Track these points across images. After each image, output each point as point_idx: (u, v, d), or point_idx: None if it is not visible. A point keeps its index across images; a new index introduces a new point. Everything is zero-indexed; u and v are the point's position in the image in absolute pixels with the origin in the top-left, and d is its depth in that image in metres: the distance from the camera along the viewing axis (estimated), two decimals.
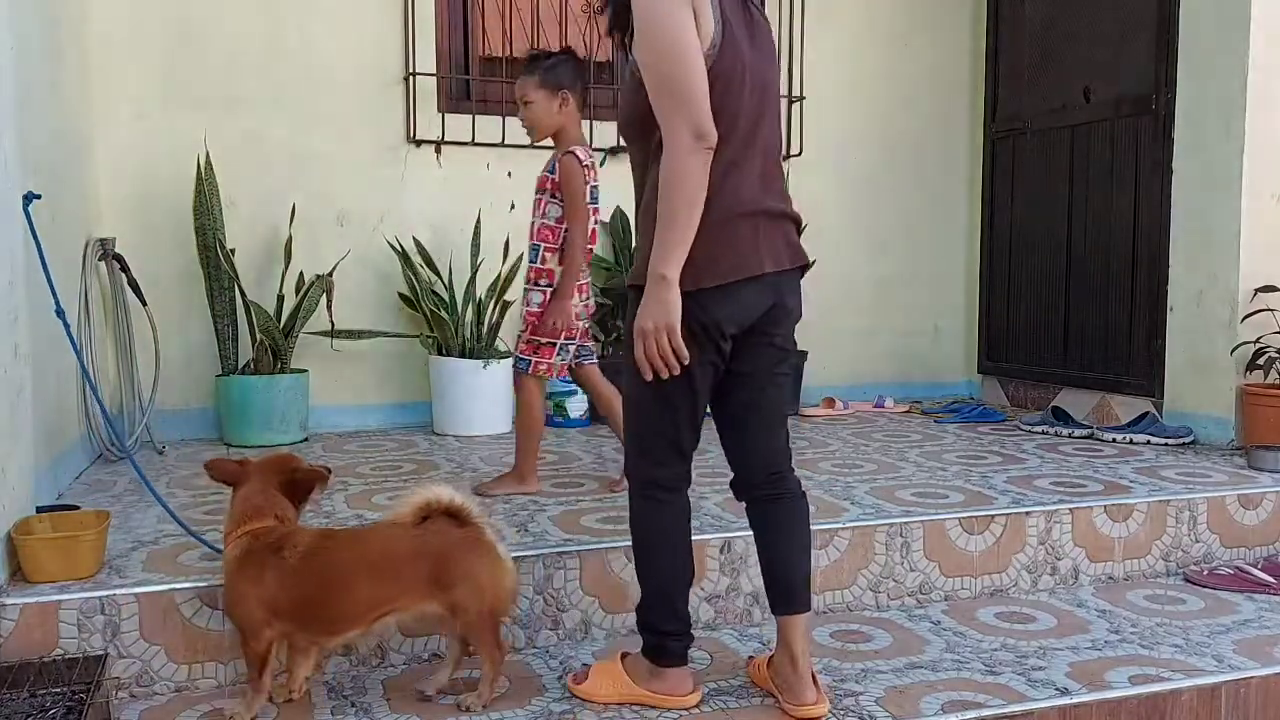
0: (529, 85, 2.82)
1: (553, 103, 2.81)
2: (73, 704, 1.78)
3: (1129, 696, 2.06)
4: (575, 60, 2.88)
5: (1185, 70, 3.67)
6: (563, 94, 2.81)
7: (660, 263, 1.71)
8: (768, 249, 1.82)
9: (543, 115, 2.83)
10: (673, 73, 1.68)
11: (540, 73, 2.81)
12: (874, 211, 4.70)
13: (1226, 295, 3.53)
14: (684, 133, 1.68)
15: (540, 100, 2.81)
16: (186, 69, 3.74)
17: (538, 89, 2.81)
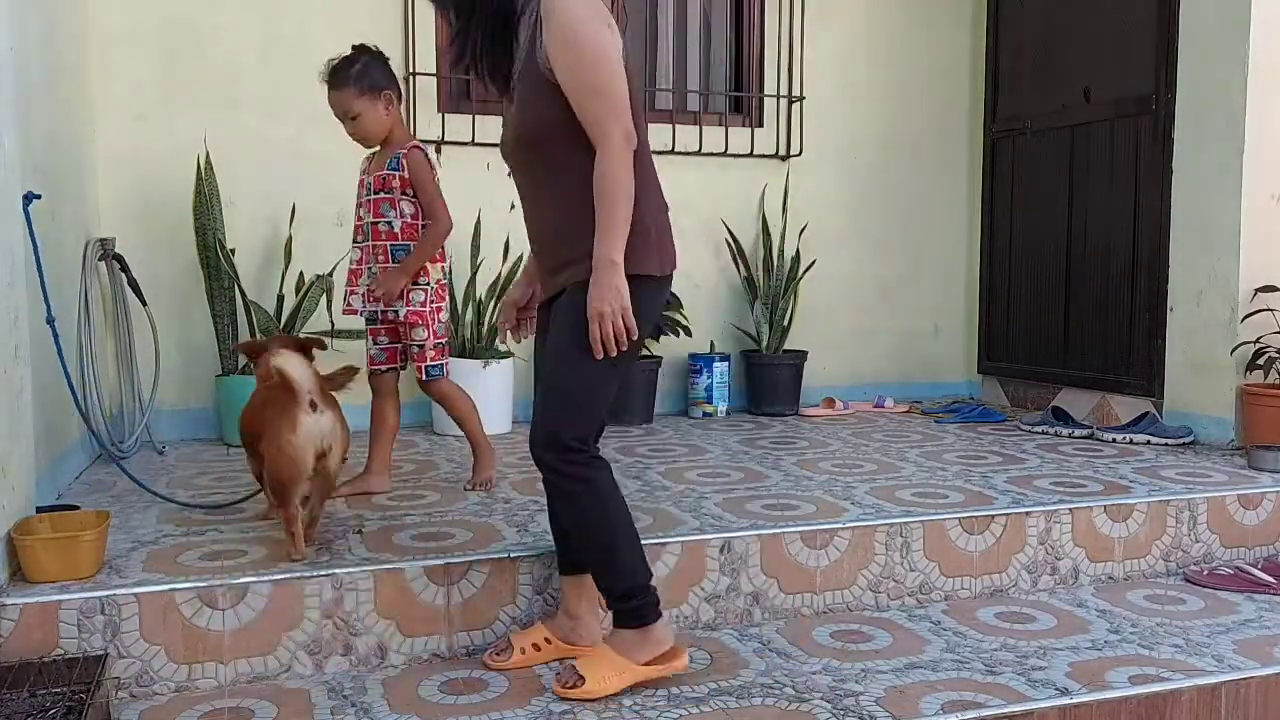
0: (348, 97, 2.70)
1: (377, 106, 2.73)
2: (73, 704, 1.78)
3: (1129, 696, 2.06)
4: (377, 56, 2.77)
5: (1185, 70, 3.67)
6: (385, 94, 2.74)
7: (613, 250, 1.85)
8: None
9: (372, 123, 2.74)
10: (602, 80, 1.81)
11: (354, 82, 2.70)
12: (874, 211, 4.70)
13: (1226, 295, 3.53)
14: (618, 134, 1.83)
15: (365, 109, 2.72)
16: (186, 69, 3.74)
17: (358, 98, 2.70)
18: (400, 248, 2.78)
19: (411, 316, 2.79)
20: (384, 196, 2.78)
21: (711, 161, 4.39)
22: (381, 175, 2.77)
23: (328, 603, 2.16)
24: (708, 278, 4.44)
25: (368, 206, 2.81)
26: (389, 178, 2.77)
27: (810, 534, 2.51)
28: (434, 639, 2.23)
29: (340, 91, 2.70)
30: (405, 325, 2.82)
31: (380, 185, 2.78)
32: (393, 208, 2.77)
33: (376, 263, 2.79)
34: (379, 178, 2.79)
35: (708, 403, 4.26)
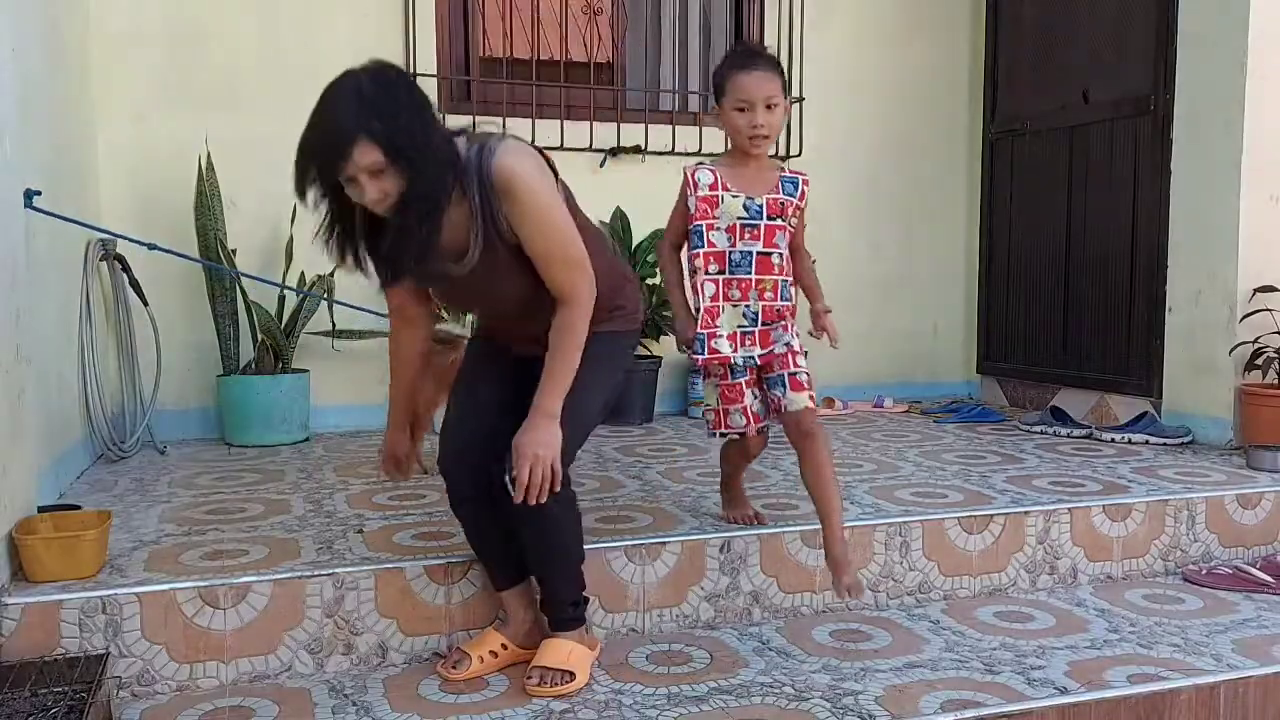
0: (777, 82, 2.29)
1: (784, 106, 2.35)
2: (74, 703, 1.79)
3: (1128, 696, 2.06)
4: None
5: (1184, 71, 3.67)
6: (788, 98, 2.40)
7: (554, 404, 1.96)
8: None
9: (779, 123, 2.33)
10: (573, 253, 1.96)
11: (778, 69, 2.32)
12: (874, 211, 4.70)
13: (1225, 295, 3.53)
14: (585, 291, 1.98)
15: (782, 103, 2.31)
16: (187, 69, 3.74)
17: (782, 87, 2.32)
18: (785, 283, 2.40)
19: (798, 350, 2.40)
20: (779, 224, 2.36)
21: None
22: (779, 199, 2.35)
23: (329, 602, 2.17)
24: None
25: (754, 233, 2.34)
26: (787, 203, 2.36)
27: (810, 534, 2.51)
28: (435, 638, 2.24)
29: (771, 73, 2.27)
30: (789, 354, 2.38)
31: (777, 210, 2.35)
32: (785, 237, 2.38)
33: (760, 300, 2.35)
34: (775, 201, 2.35)
35: None
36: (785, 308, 2.39)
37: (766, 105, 2.25)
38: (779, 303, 2.37)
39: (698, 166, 2.37)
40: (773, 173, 2.37)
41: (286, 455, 3.48)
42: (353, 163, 1.77)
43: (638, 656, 2.24)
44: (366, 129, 1.76)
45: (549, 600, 2.14)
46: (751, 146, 2.30)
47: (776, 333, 2.38)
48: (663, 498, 2.80)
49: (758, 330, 2.36)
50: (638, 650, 2.28)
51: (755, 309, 2.35)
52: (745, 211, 2.31)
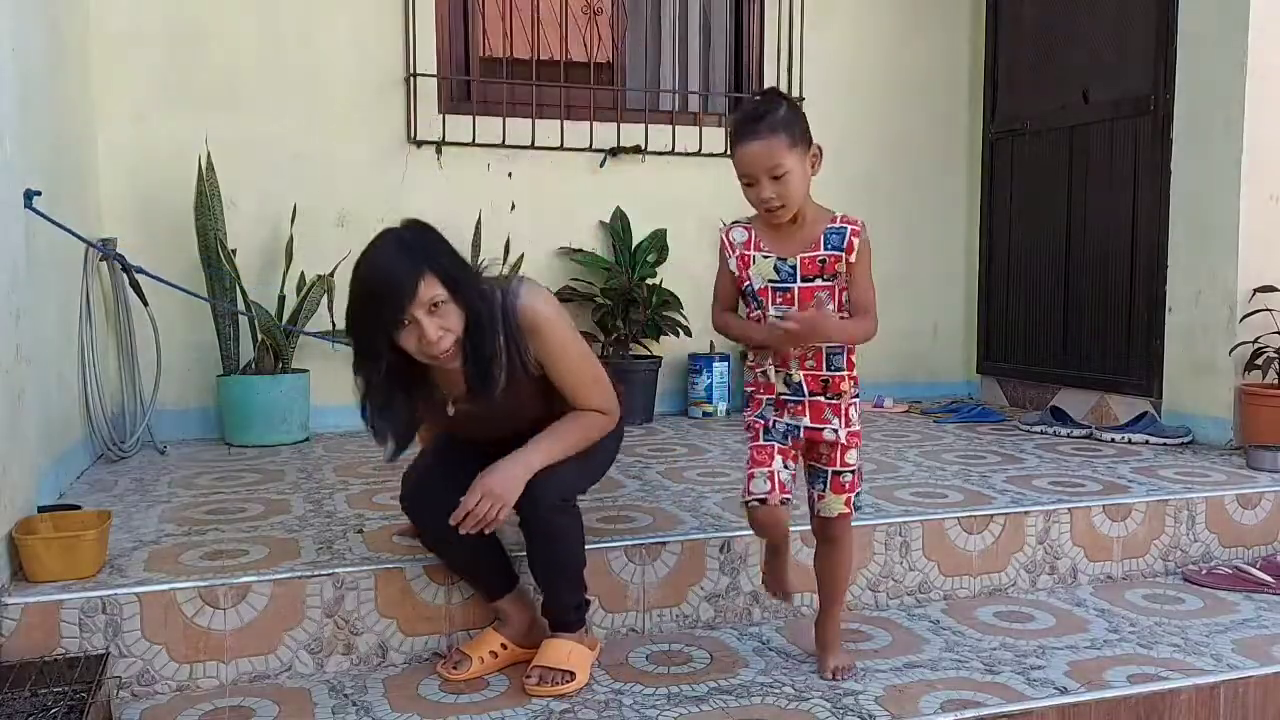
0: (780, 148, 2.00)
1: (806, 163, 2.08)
2: (74, 703, 1.79)
3: (1128, 696, 2.06)
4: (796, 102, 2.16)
5: (1185, 70, 3.67)
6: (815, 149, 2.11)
7: (536, 460, 2.04)
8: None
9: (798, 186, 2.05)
10: (597, 371, 2.16)
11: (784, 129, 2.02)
12: (874, 211, 4.61)
13: (1225, 295, 3.53)
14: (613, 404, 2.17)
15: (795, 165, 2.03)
16: (187, 69, 3.74)
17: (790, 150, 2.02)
18: (834, 352, 2.10)
19: (853, 438, 2.09)
20: (818, 285, 2.06)
21: (711, 162, 4.39)
22: (818, 258, 2.06)
23: (329, 602, 2.17)
24: (707, 278, 4.40)
25: (785, 296, 2.05)
26: (830, 260, 2.06)
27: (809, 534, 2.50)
28: (435, 638, 2.24)
29: (771, 139, 1.98)
30: (838, 448, 2.07)
31: (815, 270, 2.06)
32: (832, 299, 2.08)
33: (801, 369, 2.06)
34: (813, 260, 2.06)
35: (707, 403, 4.27)
36: (836, 379, 2.07)
37: (772, 176, 1.97)
38: (826, 373, 2.07)
39: (732, 225, 2.12)
40: (817, 226, 2.06)
41: (286, 455, 3.48)
42: (417, 300, 1.88)
43: (638, 656, 2.24)
44: (426, 264, 1.91)
45: (551, 605, 2.14)
46: (771, 219, 2.04)
47: (829, 412, 2.07)
48: (663, 498, 2.80)
49: (806, 401, 2.06)
50: (638, 650, 2.28)
51: (797, 379, 2.06)
52: (776, 274, 2.05)
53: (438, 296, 1.90)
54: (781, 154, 1.99)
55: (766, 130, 1.98)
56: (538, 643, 2.13)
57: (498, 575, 2.21)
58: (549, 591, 2.15)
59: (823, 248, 2.07)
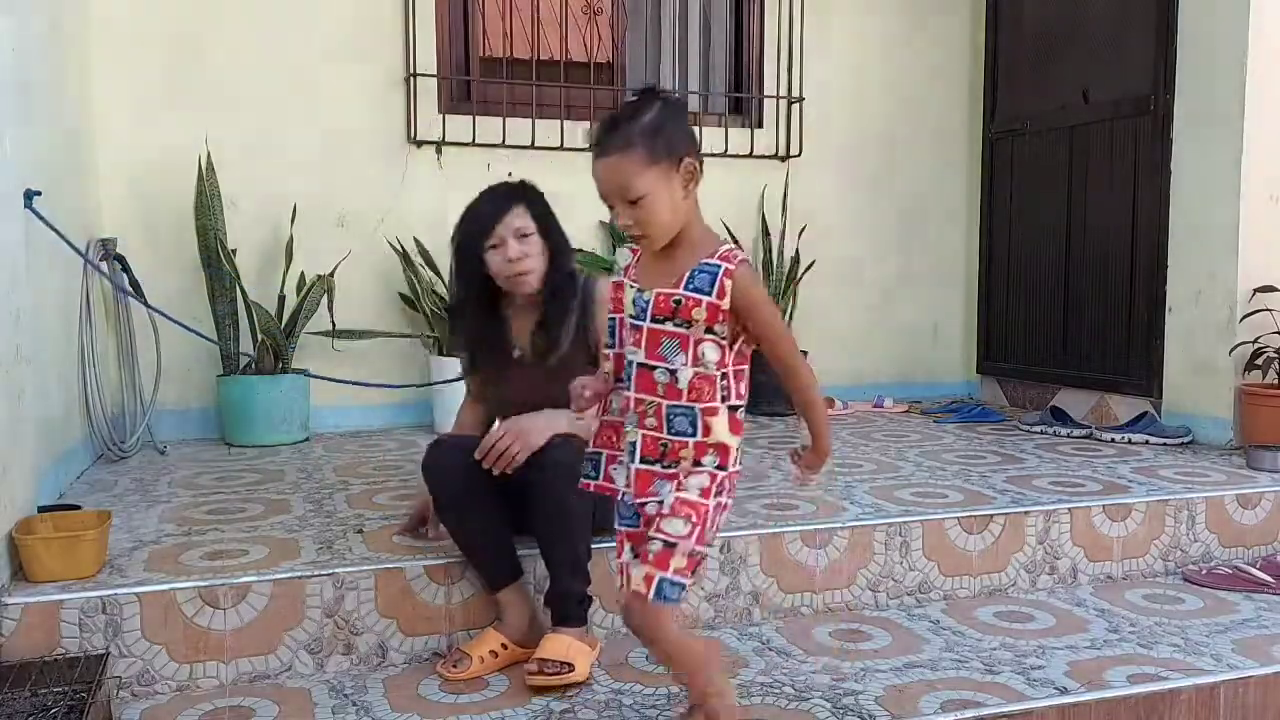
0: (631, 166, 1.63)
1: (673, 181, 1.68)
2: (74, 703, 1.79)
3: (1127, 696, 2.06)
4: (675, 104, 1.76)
5: (1185, 70, 3.67)
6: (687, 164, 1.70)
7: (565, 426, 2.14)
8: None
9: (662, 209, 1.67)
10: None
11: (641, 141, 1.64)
12: (874, 211, 4.70)
13: (1225, 295, 3.53)
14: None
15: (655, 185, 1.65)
16: (187, 69, 3.74)
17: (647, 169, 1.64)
18: (683, 412, 1.67)
19: (682, 507, 1.66)
20: (669, 330, 1.66)
21: (711, 162, 4.30)
22: (674, 296, 1.65)
23: (329, 602, 2.17)
24: None
25: (635, 337, 1.70)
26: (687, 303, 1.64)
27: (810, 533, 2.51)
28: (435, 638, 2.24)
29: (621, 157, 1.62)
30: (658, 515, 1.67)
31: (667, 310, 1.66)
32: (683, 350, 1.66)
33: (640, 428, 1.70)
34: (666, 299, 1.66)
35: None
36: (677, 445, 1.65)
37: (626, 200, 1.62)
38: (666, 436, 1.66)
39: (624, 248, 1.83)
40: (692, 257, 1.67)
41: (286, 455, 3.48)
42: (505, 223, 2.23)
43: (638, 656, 2.24)
44: (521, 200, 2.27)
45: (555, 591, 2.14)
46: (639, 244, 1.70)
47: (659, 482, 1.67)
48: None
49: (634, 468, 1.69)
50: (638, 650, 2.27)
51: (634, 438, 1.69)
52: (633, 307, 1.70)
53: (526, 228, 2.24)
54: (634, 173, 1.61)
55: (618, 145, 1.62)
56: (537, 642, 2.13)
57: (504, 559, 2.21)
58: (554, 571, 2.14)
59: (684, 285, 1.64)
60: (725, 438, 1.67)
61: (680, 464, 1.66)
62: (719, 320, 1.65)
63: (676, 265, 1.67)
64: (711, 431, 1.66)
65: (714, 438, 1.66)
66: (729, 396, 1.69)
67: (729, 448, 1.67)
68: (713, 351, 1.66)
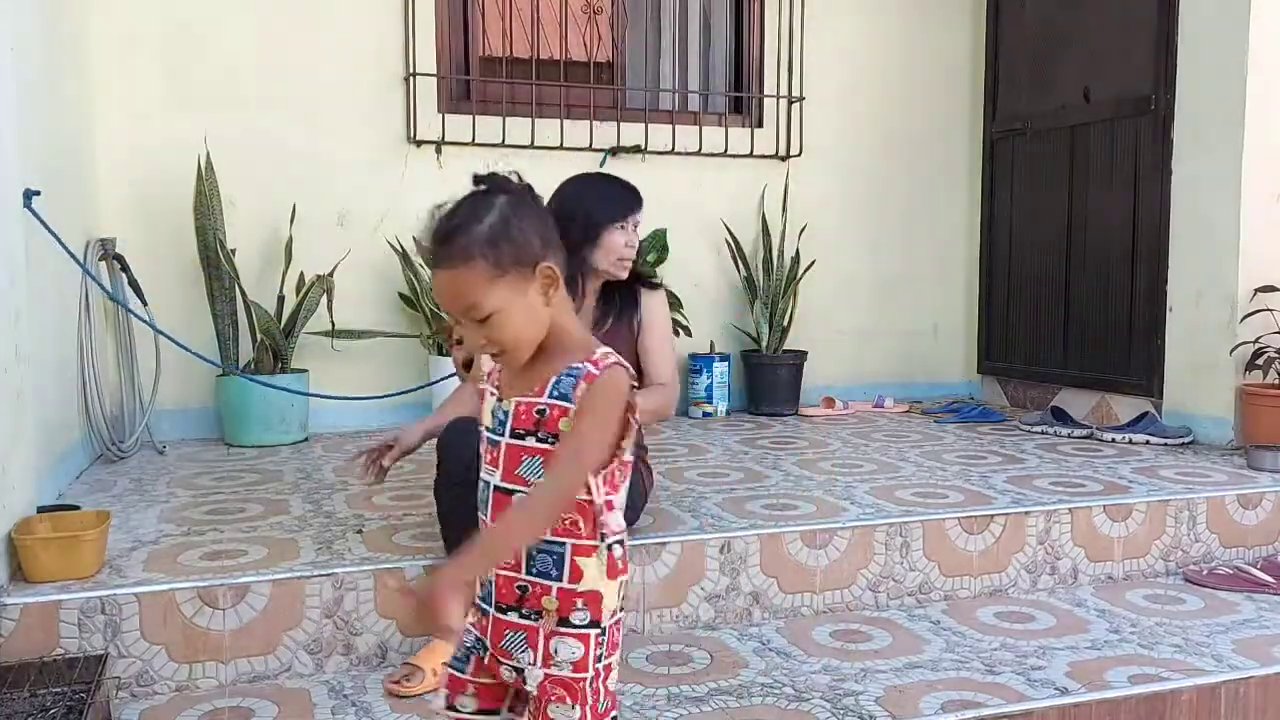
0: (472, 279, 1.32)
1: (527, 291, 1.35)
2: (73, 703, 1.79)
3: (1128, 696, 2.06)
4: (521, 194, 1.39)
5: (1185, 70, 3.67)
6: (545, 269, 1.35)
7: None
8: None
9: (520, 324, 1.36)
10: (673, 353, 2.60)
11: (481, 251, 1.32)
12: (874, 211, 4.70)
13: (1226, 295, 3.53)
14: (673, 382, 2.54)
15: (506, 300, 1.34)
16: (187, 69, 3.74)
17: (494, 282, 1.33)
18: (546, 548, 1.35)
19: (555, 689, 1.34)
20: (529, 446, 1.36)
21: (711, 161, 4.39)
22: (539, 406, 1.35)
23: (328, 602, 2.16)
24: (708, 278, 4.44)
25: (492, 454, 1.40)
26: (552, 412, 1.35)
27: (810, 534, 2.51)
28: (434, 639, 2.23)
29: (460, 271, 1.32)
30: (543, 696, 1.34)
31: (529, 423, 1.36)
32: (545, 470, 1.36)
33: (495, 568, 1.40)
34: (528, 410, 1.36)
35: (708, 403, 4.26)
36: (539, 589, 1.34)
37: (472, 319, 1.33)
38: (524, 577, 1.34)
39: None
40: (558, 362, 1.36)
41: (285, 455, 3.48)
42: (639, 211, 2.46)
43: (638, 657, 2.24)
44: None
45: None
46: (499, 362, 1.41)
47: (515, 639, 1.35)
48: (663, 498, 2.80)
49: (491, 615, 1.37)
50: (638, 650, 2.28)
51: (489, 577, 1.38)
52: (491, 419, 1.41)
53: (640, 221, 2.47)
54: (478, 290, 1.31)
55: (456, 257, 1.31)
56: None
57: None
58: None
59: (547, 393, 1.35)
60: (599, 584, 1.34)
61: (543, 617, 1.33)
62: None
63: (541, 370, 1.37)
64: (582, 576, 1.33)
65: (585, 585, 1.33)
66: (608, 533, 1.35)
67: (602, 597, 1.34)
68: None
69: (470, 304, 1.31)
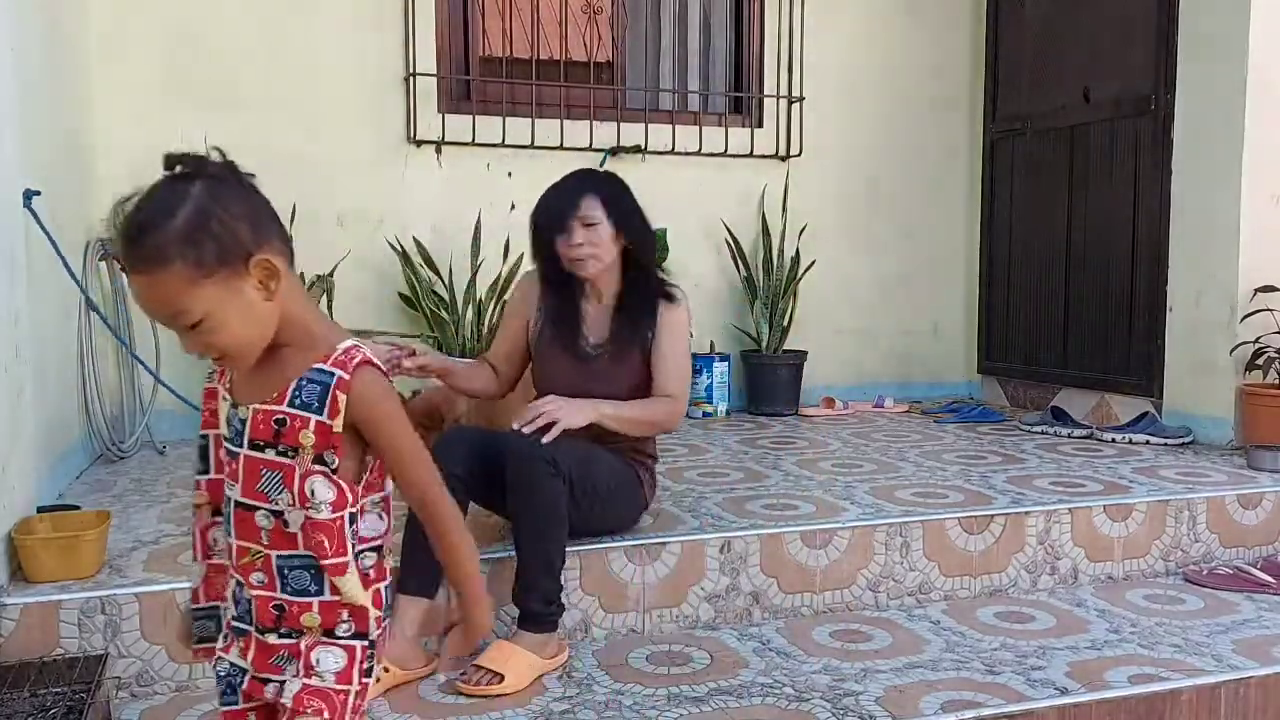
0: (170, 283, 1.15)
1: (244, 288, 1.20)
2: (73, 703, 1.79)
3: (1128, 696, 2.06)
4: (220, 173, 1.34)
5: (1185, 70, 3.67)
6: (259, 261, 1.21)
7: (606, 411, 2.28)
8: None
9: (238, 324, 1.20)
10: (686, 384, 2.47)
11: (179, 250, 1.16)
12: (874, 211, 4.70)
13: (1226, 295, 3.53)
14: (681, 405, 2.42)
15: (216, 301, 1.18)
16: (187, 69, 3.74)
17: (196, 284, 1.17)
18: (300, 563, 1.25)
19: (310, 700, 1.24)
20: (270, 459, 1.23)
21: (711, 161, 4.39)
22: (277, 415, 1.22)
23: None
24: (708, 278, 4.44)
25: (231, 467, 1.29)
26: (293, 423, 1.21)
27: (810, 534, 2.51)
28: (432, 640, 2.22)
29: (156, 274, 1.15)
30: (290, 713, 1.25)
31: (267, 434, 1.23)
32: (288, 486, 1.23)
33: (249, 586, 1.28)
34: (266, 418, 1.22)
35: (707, 403, 4.26)
36: (298, 607, 1.25)
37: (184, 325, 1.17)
38: (281, 595, 1.25)
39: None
40: (299, 362, 1.22)
41: None
42: (576, 214, 2.28)
43: (638, 657, 2.24)
44: (594, 190, 2.32)
45: (522, 585, 2.13)
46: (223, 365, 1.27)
47: (283, 657, 1.26)
48: (663, 498, 2.80)
49: (253, 634, 1.28)
50: (638, 650, 2.28)
51: (246, 596, 1.28)
52: (228, 427, 1.27)
53: (592, 218, 2.29)
54: (180, 294, 1.15)
55: (149, 260, 1.15)
56: (424, 666, 2.12)
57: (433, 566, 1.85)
58: (524, 568, 2.14)
59: (288, 401, 1.21)
60: (360, 597, 1.26)
61: (305, 634, 1.25)
62: (329, 447, 1.21)
63: (281, 372, 1.22)
64: (340, 590, 1.25)
65: (345, 597, 1.25)
66: (357, 543, 1.29)
67: (366, 609, 1.27)
68: (325, 489, 1.22)
69: (174, 311, 1.14)
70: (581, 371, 2.37)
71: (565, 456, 2.17)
